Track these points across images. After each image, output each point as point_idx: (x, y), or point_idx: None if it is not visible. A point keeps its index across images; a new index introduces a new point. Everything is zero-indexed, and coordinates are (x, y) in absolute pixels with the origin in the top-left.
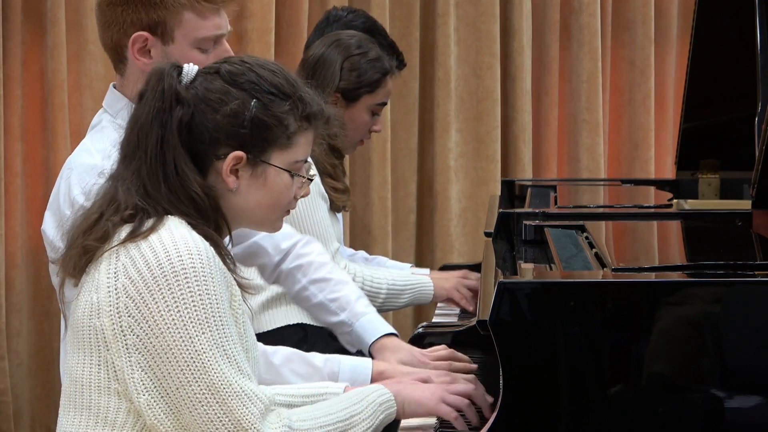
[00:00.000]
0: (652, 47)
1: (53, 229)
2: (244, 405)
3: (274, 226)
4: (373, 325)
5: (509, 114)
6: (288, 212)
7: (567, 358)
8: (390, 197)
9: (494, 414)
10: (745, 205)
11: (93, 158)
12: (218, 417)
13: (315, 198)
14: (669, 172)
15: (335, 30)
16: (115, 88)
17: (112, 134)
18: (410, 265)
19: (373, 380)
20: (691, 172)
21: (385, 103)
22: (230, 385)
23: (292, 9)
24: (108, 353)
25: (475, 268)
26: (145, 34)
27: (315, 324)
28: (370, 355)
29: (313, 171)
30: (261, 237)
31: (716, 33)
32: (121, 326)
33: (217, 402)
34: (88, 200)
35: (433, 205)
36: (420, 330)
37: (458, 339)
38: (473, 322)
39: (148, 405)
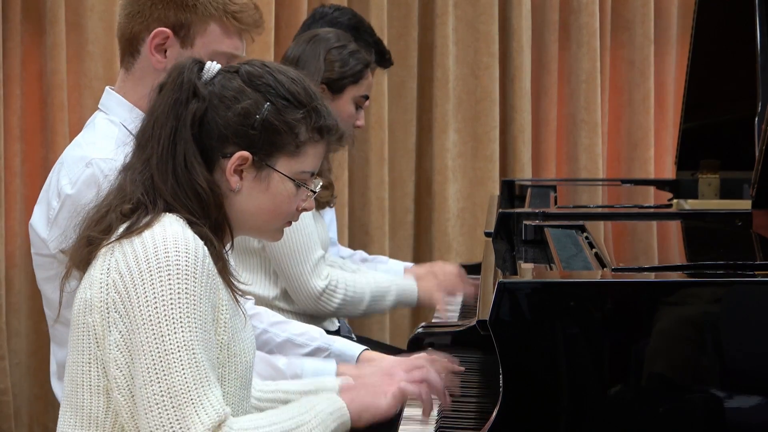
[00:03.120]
0: (652, 47)
1: (41, 221)
2: (197, 414)
3: (274, 236)
4: (349, 343)
5: (508, 114)
6: (290, 223)
7: (567, 358)
8: (387, 197)
9: (494, 414)
10: (745, 205)
11: (82, 150)
12: (170, 422)
13: None
14: (668, 172)
15: (321, 27)
16: (111, 90)
17: (104, 127)
18: (410, 265)
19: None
20: (691, 172)
21: (367, 97)
22: (189, 391)
23: (291, 9)
24: (98, 350)
25: (474, 268)
26: (167, 31)
27: None
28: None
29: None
30: None
31: (716, 33)
32: (108, 322)
33: (173, 407)
34: (74, 188)
35: (431, 205)
36: (420, 330)
37: (458, 339)
38: (473, 322)
39: (118, 404)
